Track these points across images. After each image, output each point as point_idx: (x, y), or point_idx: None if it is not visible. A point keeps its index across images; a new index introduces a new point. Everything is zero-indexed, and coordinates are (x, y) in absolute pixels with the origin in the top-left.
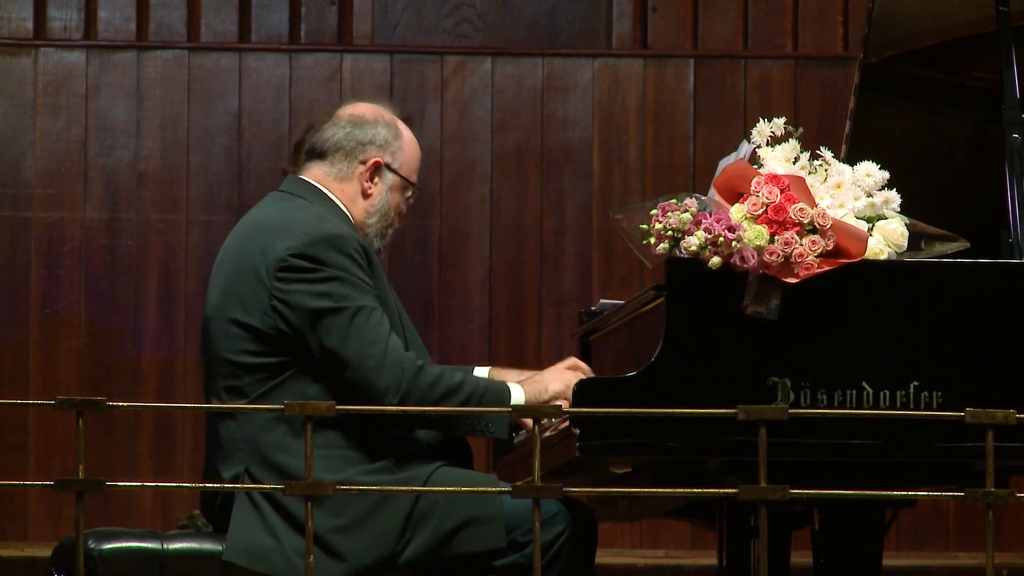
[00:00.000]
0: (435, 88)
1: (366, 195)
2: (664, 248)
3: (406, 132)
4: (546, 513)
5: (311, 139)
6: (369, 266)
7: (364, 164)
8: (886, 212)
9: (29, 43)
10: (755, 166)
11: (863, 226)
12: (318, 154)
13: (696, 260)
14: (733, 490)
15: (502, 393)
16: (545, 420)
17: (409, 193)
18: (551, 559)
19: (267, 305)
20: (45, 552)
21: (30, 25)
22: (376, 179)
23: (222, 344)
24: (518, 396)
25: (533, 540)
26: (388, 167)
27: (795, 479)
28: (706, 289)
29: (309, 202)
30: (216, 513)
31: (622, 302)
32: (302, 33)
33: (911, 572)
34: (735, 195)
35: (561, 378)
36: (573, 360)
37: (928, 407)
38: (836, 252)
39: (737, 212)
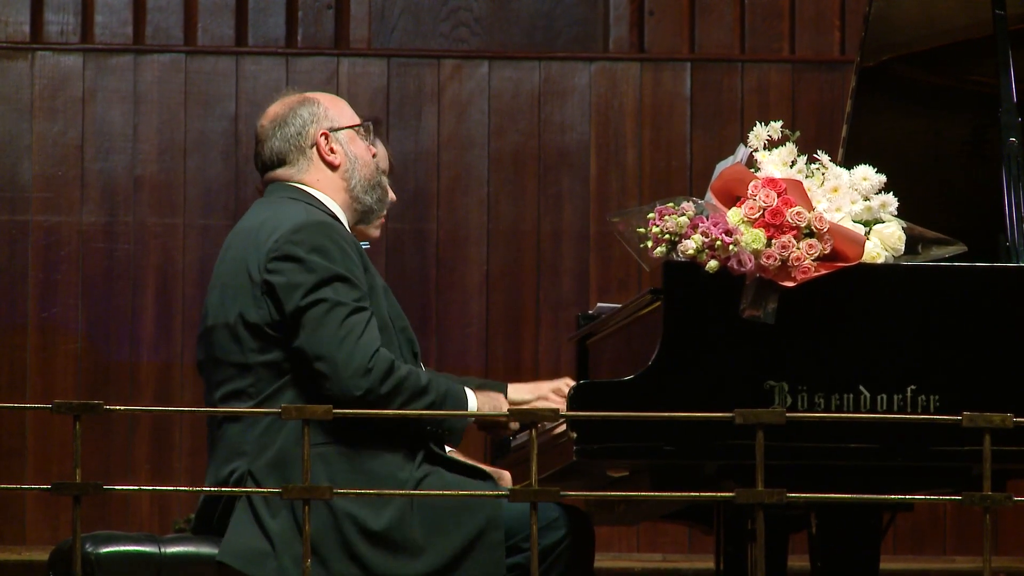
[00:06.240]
0: (432, 92)
1: (333, 167)
2: (661, 252)
3: (319, 95)
4: (547, 518)
5: (262, 157)
6: (359, 257)
7: (315, 146)
8: (883, 216)
9: (26, 47)
10: (752, 170)
11: (860, 230)
12: (276, 164)
13: (693, 264)
14: (730, 494)
15: (460, 398)
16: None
17: (367, 134)
18: (551, 564)
19: (259, 298)
20: (42, 556)
21: (27, 29)
22: (332, 147)
23: (227, 348)
24: (472, 404)
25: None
26: (332, 130)
27: (792, 483)
28: (703, 293)
29: (295, 199)
30: (217, 519)
31: (619, 306)
32: (299, 37)
33: None
34: (732, 199)
35: (535, 391)
36: (566, 380)
37: (925, 411)
38: (833, 256)
39: (734, 216)
